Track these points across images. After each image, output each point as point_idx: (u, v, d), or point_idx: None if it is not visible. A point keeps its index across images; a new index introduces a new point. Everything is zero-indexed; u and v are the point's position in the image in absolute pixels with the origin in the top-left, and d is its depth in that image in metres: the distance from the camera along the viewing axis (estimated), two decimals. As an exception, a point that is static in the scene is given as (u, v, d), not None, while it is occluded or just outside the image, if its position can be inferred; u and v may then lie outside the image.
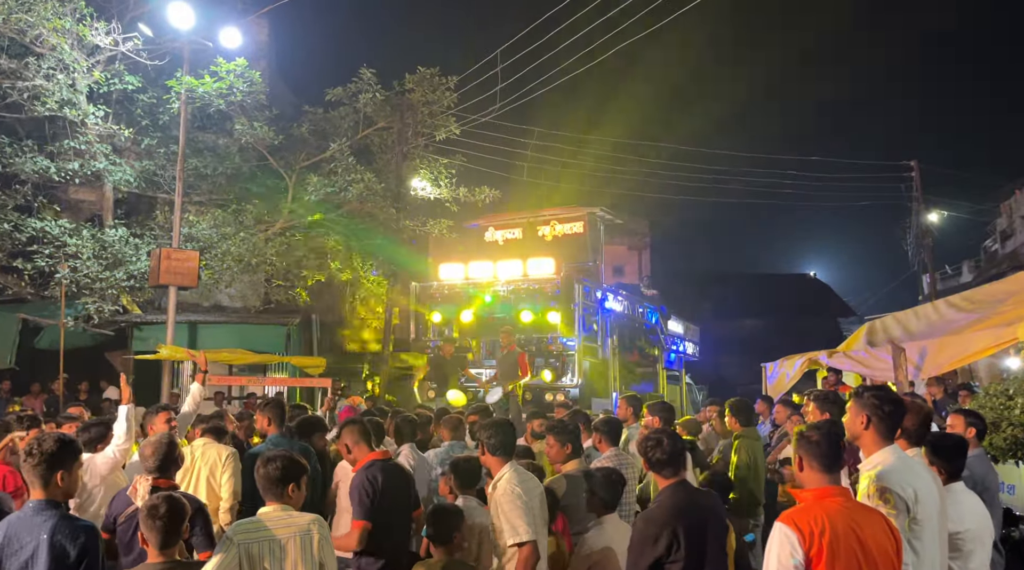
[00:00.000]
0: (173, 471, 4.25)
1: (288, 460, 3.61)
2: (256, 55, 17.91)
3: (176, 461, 4.26)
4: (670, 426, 5.71)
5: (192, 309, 16.75)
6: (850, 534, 2.63)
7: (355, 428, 4.36)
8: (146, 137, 15.69)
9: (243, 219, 16.05)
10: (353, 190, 15.87)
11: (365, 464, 4.26)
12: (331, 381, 14.21)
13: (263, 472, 3.56)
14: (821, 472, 2.78)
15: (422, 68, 16.91)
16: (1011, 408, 5.65)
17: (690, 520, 3.39)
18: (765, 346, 25.07)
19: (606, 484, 4.10)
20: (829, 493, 2.74)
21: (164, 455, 4.13)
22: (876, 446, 3.33)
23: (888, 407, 3.34)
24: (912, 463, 3.44)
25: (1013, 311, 7.92)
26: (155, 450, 4.14)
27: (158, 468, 4.11)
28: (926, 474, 3.46)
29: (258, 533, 3.41)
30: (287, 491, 3.55)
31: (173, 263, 12.87)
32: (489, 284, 13.02)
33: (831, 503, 2.70)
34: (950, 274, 34.20)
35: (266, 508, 3.56)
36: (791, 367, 13.35)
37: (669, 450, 3.53)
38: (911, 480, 3.26)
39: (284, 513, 3.53)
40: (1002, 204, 29.55)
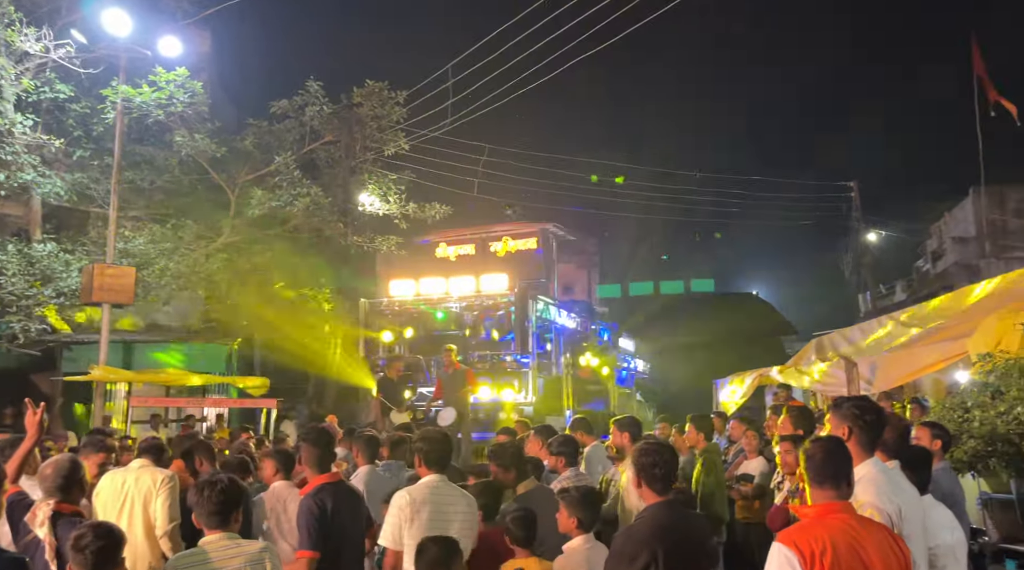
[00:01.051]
0: (77, 495, 3.89)
1: (232, 483, 3.40)
2: (197, 66, 17.37)
3: (80, 484, 3.91)
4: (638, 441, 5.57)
5: (126, 328, 16.00)
6: (853, 554, 2.50)
7: (311, 449, 4.07)
8: (78, 148, 15.00)
9: (182, 235, 15.46)
10: (299, 205, 15.45)
11: (314, 488, 3.97)
12: (275, 402, 13.77)
13: (204, 498, 3.31)
14: (821, 487, 2.66)
15: (371, 82, 16.68)
16: (970, 421, 5.70)
17: (673, 542, 3.23)
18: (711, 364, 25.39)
19: (584, 503, 3.91)
20: (832, 509, 2.62)
21: (67, 476, 3.80)
22: (858, 458, 3.23)
23: (869, 416, 3.27)
24: (896, 477, 3.36)
25: (959, 326, 8.08)
26: (56, 470, 3.80)
27: (59, 488, 3.76)
28: (910, 488, 3.39)
29: (205, 565, 3.15)
30: (232, 518, 3.34)
31: (107, 279, 12.26)
32: (441, 300, 12.79)
33: (834, 520, 2.58)
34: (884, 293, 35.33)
35: (209, 537, 3.29)
36: (742, 383, 13.45)
37: (667, 465, 3.38)
38: (895, 495, 3.17)
39: (231, 541, 3.30)
40: (932, 226, 30.74)
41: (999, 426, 5.55)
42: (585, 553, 3.83)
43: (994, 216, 23.94)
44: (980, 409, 5.79)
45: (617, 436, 5.41)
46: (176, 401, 15.15)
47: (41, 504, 3.71)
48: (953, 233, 27.43)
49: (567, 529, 3.94)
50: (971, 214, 25.63)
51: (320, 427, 4.35)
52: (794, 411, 5.09)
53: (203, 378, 15.10)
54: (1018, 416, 5.41)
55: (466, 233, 15.66)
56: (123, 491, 4.75)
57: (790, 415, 4.97)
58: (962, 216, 27.06)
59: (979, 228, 24.65)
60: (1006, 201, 24.53)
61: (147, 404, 13.68)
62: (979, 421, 5.65)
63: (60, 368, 14.52)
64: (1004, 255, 23.60)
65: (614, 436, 5.45)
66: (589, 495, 4.02)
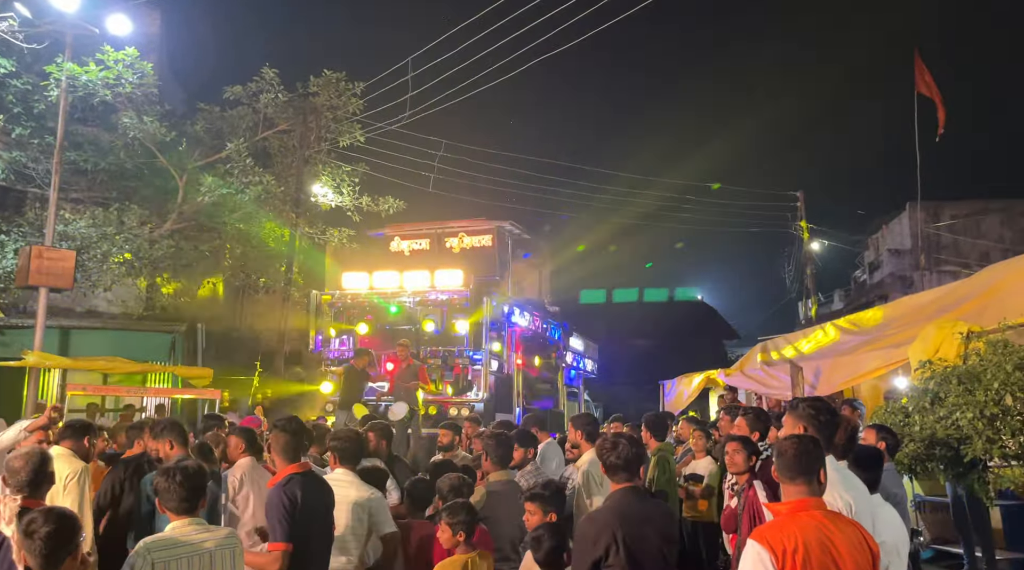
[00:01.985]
0: (45, 490, 3.76)
1: (198, 469, 3.39)
2: (147, 48, 16.85)
3: (49, 478, 3.78)
4: (593, 439, 5.64)
5: (64, 314, 15.41)
6: (824, 551, 2.58)
7: (282, 437, 4.00)
8: (17, 126, 14.39)
9: (126, 219, 14.97)
10: (250, 193, 15.12)
11: (283, 479, 3.89)
12: (219, 393, 13.46)
13: (171, 485, 3.26)
14: (790, 483, 2.74)
15: (328, 71, 16.43)
16: (911, 425, 5.94)
17: (632, 525, 3.35)
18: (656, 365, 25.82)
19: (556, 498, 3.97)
20: (804, 506, 2.70)
21: (35, 470, 3.66)
22: (812, 456, 3.35)
23: (824, 417, 3.40)
24: (847, 474, 3.49)
25: (899, 334, 8.42)
26: (26, 463, 3.66)
27: (29, 484, 3.63)
28: (861, 486, 3.53)
29: (177, 548, 3.11)
30: (199, 503, 3.33)
31: (45, 262, 11.81)
32: (395, 294, 12.69)
33: (805, 517, 2.66)
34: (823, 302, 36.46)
35: (176, 523, 3.24)
36: (688, 385, 13.74)
37: (625, 455, 3.53)
38: (847, 491, 3.30)
39: (199, 526, 3.29)
40: (870, 238, 31.86)
41: (938, 431, 5.80)
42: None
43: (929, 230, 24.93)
44: (920, 414, 6.03)
45: (572, 433, 5.48)
46: (115, 390, 14.65)
47: (7, 500, 3.55)
48: (889, 245, 28.49)
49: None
50: (907, 228, 26.65)
51: (293, 416, 4.30)
52: (750, 413, 5.22)
53: (144, 367, 14.66)
54: (956, 421, 5.66)
55: (421, 228, 15.54)
56: None
57: (746, 417, 5.10)
58: (898, 229, 28.12)
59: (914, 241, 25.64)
60: (941, 216, 25.58)
61: (84, 393, 13.21)
62: (919, 426, 5.89)
63: (-9, 353, 13.89)
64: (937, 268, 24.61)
65: (570, 433, 5.51)
66: (558, 491, 4.12)
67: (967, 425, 5.55)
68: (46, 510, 2.96)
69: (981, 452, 5.50)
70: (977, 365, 6.00)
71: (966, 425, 5.56)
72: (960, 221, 25.55)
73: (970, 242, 25.07)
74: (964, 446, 5.61)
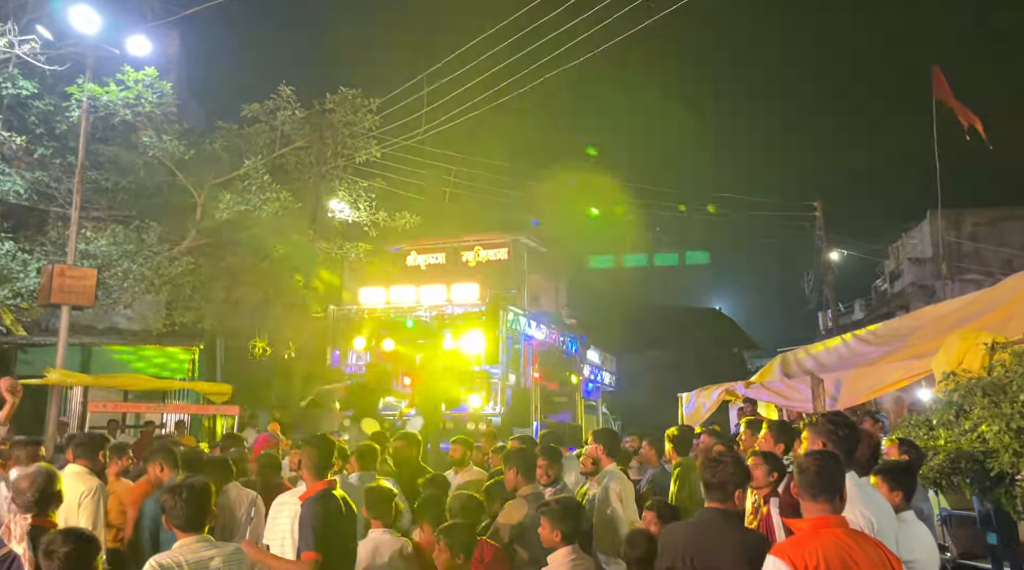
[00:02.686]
0: (53, 509, 3.77)
1: (204, 487, 3.42)
2: (166, 67, 17.12)
3: (57, 497, 3.80)
4: (615, 454, 5.58)
5: (85, 331, 15.60)
6: (846, 568, 2.53)
7: (313, 452, 4.02)
8: (40, 146, 14.64)
9: (146, 237, 15.14)
10: (268, 209, 15.24)
11: (318, 493, 3.96)
12: (238, 409, 13.54)
13: (178, 502, 3.30)
14: (811, 501, 2.69)
15: (344, 88, 16.56)
16: (935, 438, 5.83)
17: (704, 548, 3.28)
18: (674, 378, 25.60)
19: (565, 515, 3.90)
20: (826, 523, 2.65)
21: (43, 489, 3.67)
22: (832, 472, 3.29)
23: (843, 431, 3.34)
24: (870, 491, 3.42)
25: (922, 345, 8.28)
26: (32, 483, 3.67)
27: (36, 503, 3.64)
28: (883, 502, 3.46)
29: (185, 566, 3.13)
30: (206, 520, 3.38)
31: (67, 280, 11.95)
32: (411, 309, 12.72)
33: (827, 534, 2.61)
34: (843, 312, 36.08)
35: (184, 540, 3.26)
36: (708, 397, 13.57)
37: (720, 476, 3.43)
38: (869, 508, 3.23)
39: (206, 542, 3.32)
40: (891, 247, 31.51)
41: (963, 444, 5.68)
42: (569, 565, 3.82)
43: (950, 238, 24.62)
44: (945, 427, 5.92)
45: (593, 448, 5.43)
46: (135, 406, 14.78)
47: (18, 519, 3.58)
48: (910, 254, 28.15)
49: (550, 542, 3.93)
50: (928, 236, 26.34)
51: (324, 434, 4.35)
52: (775, 426, 5.14)
53: (163, 383, 14.80)
54: (982, 434, 5.54)
55: (437, 242, 15.59)
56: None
57: (771, 429, 5.02)
58: (919, 238, 27.79)
59: (936, 250, 25.32)
60: (962, 224, 25.26)
61: (105, 409, 13.33)
62: (944, 439, 5.78)
63: (15, 371, 14.07)
64: (959, 277, 24.27)
65: (591, 448, 5.45)
66: (569, 507, 4.02)
67: (993, 438, 5.44)
68: (65, 531, 2.99)
69: (1008, 466, 5.38)
70: (1003, 376, 5.88)
71: (992, 438, 5.44)
72: (982, 229, 25.20)
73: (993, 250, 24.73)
74: (990, 459, 5.49)
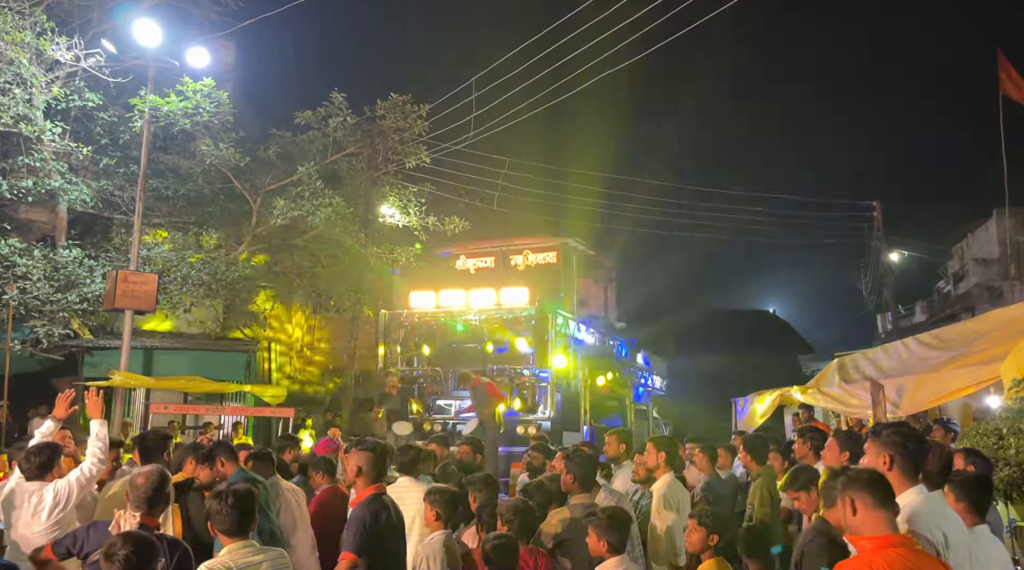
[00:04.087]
0: (160, 510, 3.83)
1: (248, 491, 3.44)
2: (223, 76, 17.55)
3: (167, 498, 3.85)
4: (673, 462, 5.48)
5: (147, 335, 16.11)
6: None
7: (369, 456, 4.06)
8: (105, 156, 15.17)
9: (204, 243, 15.57)
10: (321, 214, 15.51)
11: (369, 497, 4.01)
12: (292, 411, 13.78)
13: (224, 507, 3.32)
14: (879, 511, 2.57)
15: (394, 95, 16.77)
16: (1005, 448, 5.59)
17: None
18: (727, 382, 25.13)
19: (612, 525, 3.84)
20: (890, 542, 2.54)
21: (156, 488, 3.68)
22: (901, 487, 3.14)
23: (912, 444, 3.17)
24: (941, 505, 3.28)
25: (990, 350, 7.93)
26: (147, 481, 3.68)
27: (147, 501, 3.64)
28: (955, 517, 3.30)
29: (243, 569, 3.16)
30: (251, 525, 3.39)
31: (130, 286, 12.36)
32: (461, 313, 12.76)
33: (892, 555, 2.50)
34: (903, 314, 34.95)
35: (231, 546, 3.28)
36: (762, 403, 13.25)
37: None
38: (940, 523, 3.09)
39: (252, 548, 3.34)
40: (954, 247, 30.41)
41: (1035, 453, 5.44)
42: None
43: (1019, 238, 23.65)
44: (1016, 436, 5.67)
45: (652, 455, 5.32)
46: (194, 408, 15.18)
47: (128, 516, 3.64)
48: (976, 254, 27.11)
49: (598, 552, 3.88)
50: (995, 235, 25.34)
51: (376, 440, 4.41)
52: (841, 435, 4.95)
53: (221, 385, 15.15)
54: (1055, 444, 5.30)
55: (486, 246, 15.61)
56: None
57: (837, 437, 4.84)
58: (985, 237, 26.76)
59: (1003, 250, 24.36)
60: (1031, 223, 24.23)
61: (166, 410, 13.73)
62: (1015, 448, 5.54)
63: (81, 373, 14.60)
64: (1028, 278, 23.30)
65: (649, 455, 5.35)
66: (617, 517, 3.95)
67: (1068, 448, 5.20)
68: (125, 534, 3.03)
69: (1084, 476, 5.14)
70: (1077, 383, 5.62)
71: (1067, 448, 5.20)
72: (1053, 227, 24.12)
73: (1064, 250, 23.64)
74: (1065, 470, 5.25)
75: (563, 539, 4.36)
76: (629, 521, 4.11)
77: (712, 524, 4.55)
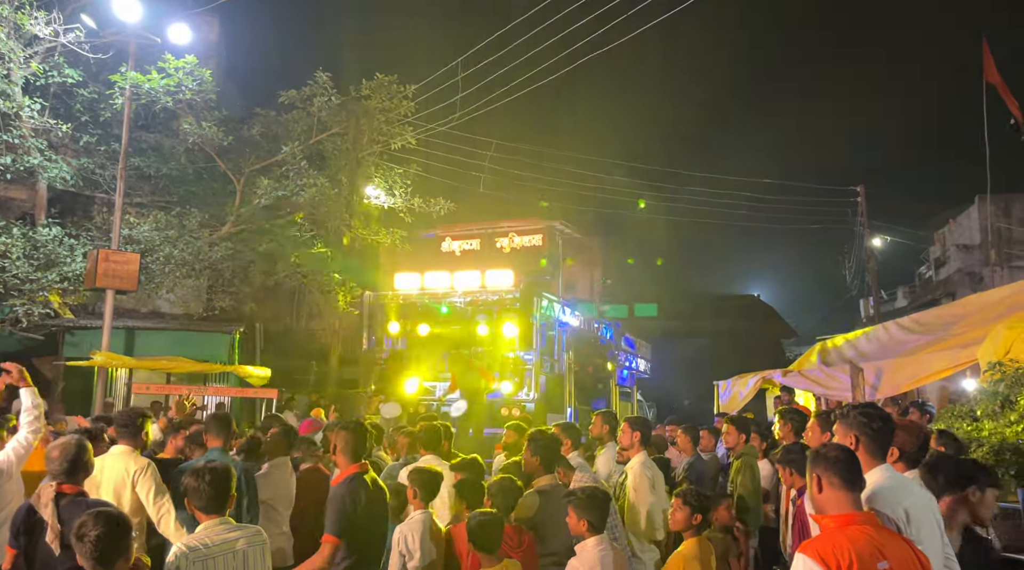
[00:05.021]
0: (81, 478, 3.86)
1: (226, 469, 3.45)
2: (205, 54, 17.33)
3: (86, 467, 3.88)
4: (647, 441, 5.53)
5: (129, 315, 15.98)
6: (875, 566, 2.46)
7: (348, 435, 4.06)
8: (85, 134, 14.98)
9: (187, 222, 15.42)
10: (305, 194, 15.40)
11: (350, 476, 3.99)
12: (276, 392, 13.76)
13: (201, 484, 3.33)
14: (844, 491, 2.60)
15: (380, 75, 16.61)
16: (979, 430, 5.68)
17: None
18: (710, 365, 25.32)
19: (591, 504, 3.87)
20: (854, 519, 2.57)
21: (73, 458, 3.76)
22: (867, 465, 3.19)
23: (877, 424, 3.22)
24: (905, 481, 3.32)
25: (968, 333, 8.05)
26: (63, 452, 3.76)
27: (65, 472, 3.73)
28: (920, 491, 3.35)
29: (208, 549, 3.19)
30: (227, 502, 3.40)
31: (112, 265, 12.25)
32: (446, 295, 12.76)
33: (856, 531, 2.53)
34: (885, 299, 35.27)
35: (207, 522, 3.31)
36: (744, 386, 13.40)
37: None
38: (902, 499, 3.13)
39: (228, 525, 3.36)
40: (936, 233, 30.68)
41: (1008, 435, 5.53)
42: (597, 554, 3.80)
43: (1000, 224, 23.89)
44: (990, 418, 5.76)
45: (627, 435, 5.37)
46: (177, 388, 15.07)
47: (45, 486, 3.69)
48: (957, 240, 27.38)
49: (578, 531, 3.91)
50: (976, 222, 25.59)
51: (356, 419, 4.40)
52: (821, 416, 5.02)
53: (204, 366, 15.09)
54: (1029, 425, 5.39)
55: (472, 228, 15.59)
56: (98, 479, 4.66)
57: (818, 419, 4.91)
58: (967, 224, 27.02)
59: (984, 236, 24.61)
60: (1012, 209, 24.48)
61: (148, 391, 13.65)
62: (988, 430, 5.63)
63: (62, 353, 14.49)
64: (1009, 264, 23.56)
65: (624, 435, 5.40)
66: (596, 496, 3.98)
67: (1040, 430, 5.29)
68: (95, 513, 2.97)
69: (1055, 458, 5.23)
70: (1051, 367, 5.71)
71: (1039, 430, 5.29)
72: (1033, 214, 24.38)
73: (1044, 236, 23.91)
74: (1037, 451, 5.34)
75: (535, 524, 4.39)
76: (608, 500, 4.13)
77: (696, 503, 4.62)
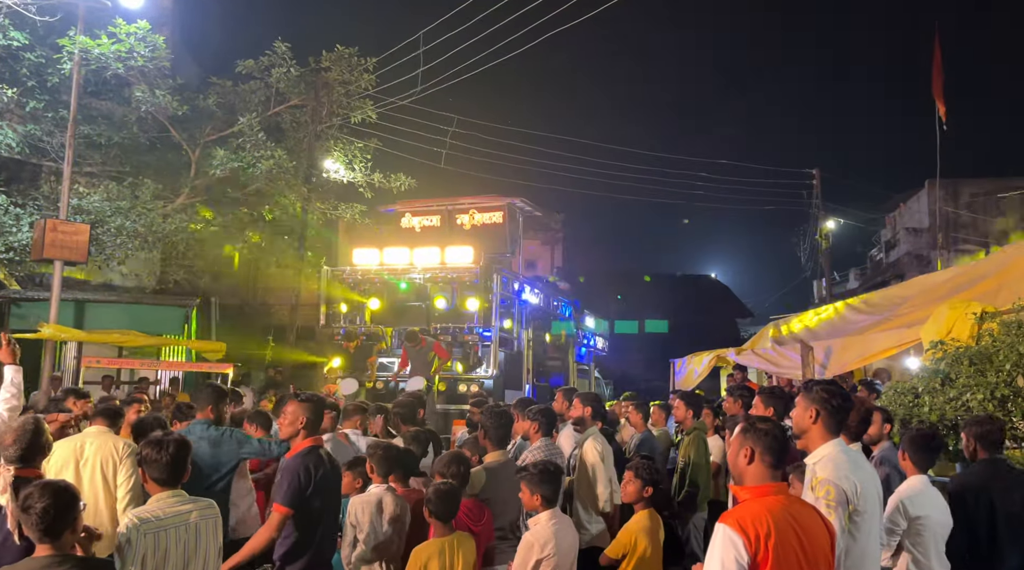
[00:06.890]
0: (39, 460, 3.80)
1: (184, 442, 3.43)
2: (159, 20, 16.81)
3: (43, 449, 3.82)
4: (599, 417, 5.64)
5: (79, 287, 15.58)
6: (791, 534, 2.57)
7: (306, 408, 4.04)
8: (32, 99, 14.41)
9: (139, 193, 15.02)
10: (262, 167, 15.11)
11: (304, 450, 3.98)
12: (231, 367, 13.59)
13: (163, 456, 3.31)
14: (772, 467, 2.70)
15: (340, 47, 16.32)
16: (920, 406, 5.89)
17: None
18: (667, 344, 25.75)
19: (543, 479, 3.93)
20: (769, 490, 2.66)
21: (29, 443, 3.69)
22: (822, 439, 3.36)
23: (837, 401, 3.36)
24: (855, 456, 3.48)
25: (912, 314, 8.33)
26: (18, 436, 3.69)
27: (20, 458, 3.66)
28: (868, 467, 3.53)
29: (162, 520, 3.17)
30: (182, 476, 3.39)
31: (60, 236, 11.90)
32: (405, 270, 12.69)
33: (772, 502, 2.63)
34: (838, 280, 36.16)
35: (160, 494, 3.30)
36: (699, 364, 13.69)
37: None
38: (852, 473, 3.29)
39: (181, 497, 3.35)
40: (887, 216, 31.49)
41: (948, 412, 5.75)
42: (551, 528, 3.87)
43: (948, 209, 24.60)
44: (930, 395, 5.98)
45: (579, 409, 5.47)
46: (129, 362, 14.83)
47: (2, 470, 3.60)
48: (907, 224, 28.16)
49: (532, 506, 3.98)
50: (925, 206, 26.33)
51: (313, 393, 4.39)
52: (765, 391, 5.18)
53: (158, 339, 14.82)
54: (967, 403, 5.61)
55: (432, 204, 15.48)
56: (80, 457, 4.59)
57: (761, 395, 5.07)
58: (916, 208, 27.78)
59: (932, 220, 25.33)
60: (959, 194, 25.22)
61: (98, 365, 13.37)
62: (929, 407, 5.85)
63: (7, 325, 14.06)
64: (955, 247, 24.33)
65: (575, 409, 5.50)
66: (548, 471, 4.04)
67: (977, 406, 5.50)
68: (42, 484, 2.93)
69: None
70: (990, 346, 5.94)
71: (976, 406, 5.51)
72: (980, 199, 25.17)
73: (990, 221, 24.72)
74: (974, 427, 5.56)
75: (481, 499, 4.45)
76: (560, 473, 4.21)
77: (648, 476, 4.74)
